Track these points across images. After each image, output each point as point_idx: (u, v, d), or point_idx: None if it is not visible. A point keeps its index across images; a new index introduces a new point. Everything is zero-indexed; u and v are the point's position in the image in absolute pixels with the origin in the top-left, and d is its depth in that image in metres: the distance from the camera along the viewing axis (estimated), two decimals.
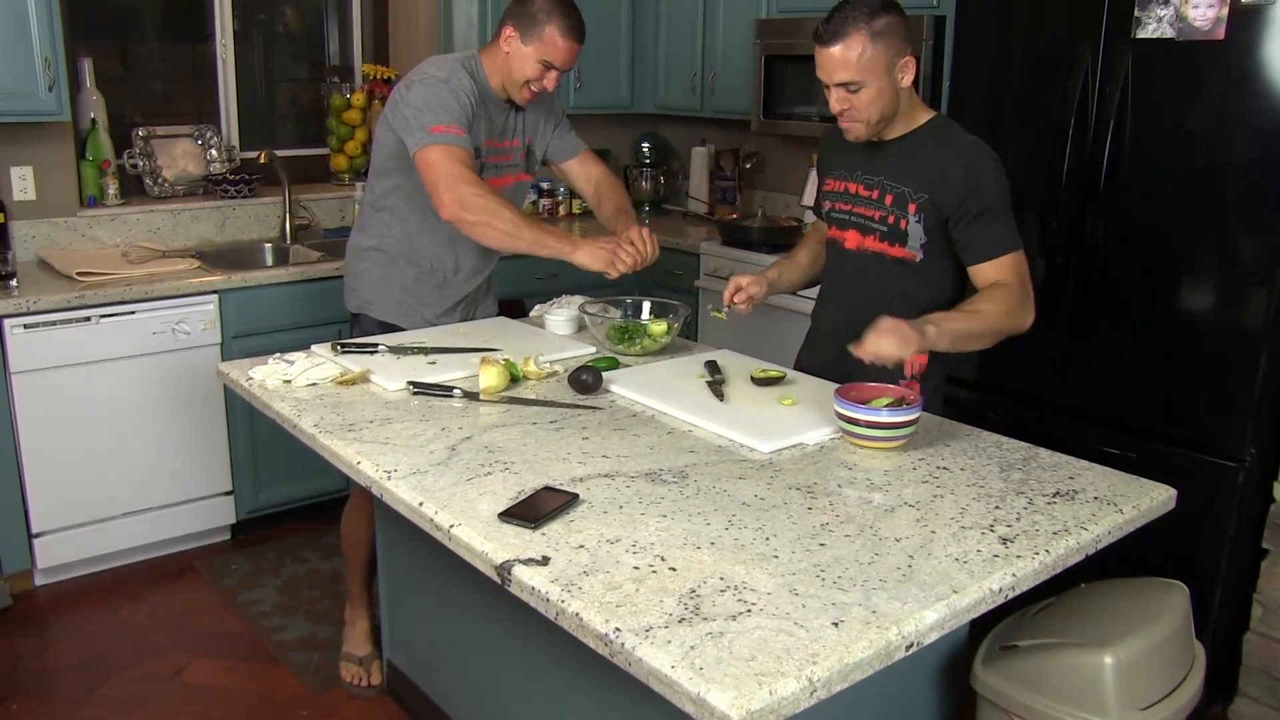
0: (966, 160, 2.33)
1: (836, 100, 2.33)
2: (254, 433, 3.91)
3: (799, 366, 2.65)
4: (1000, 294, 2.30)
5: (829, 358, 2.48)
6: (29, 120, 3.72)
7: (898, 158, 2.41)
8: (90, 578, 3.76)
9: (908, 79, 2.31)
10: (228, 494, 3.96)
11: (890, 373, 2.20)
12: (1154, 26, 2.85)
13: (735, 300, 2.58)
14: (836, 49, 2.26)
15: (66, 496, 3.62)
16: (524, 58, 2.73)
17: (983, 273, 2.35)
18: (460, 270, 2.98)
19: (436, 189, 2.59)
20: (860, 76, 2.27)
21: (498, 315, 3.15)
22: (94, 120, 4.14)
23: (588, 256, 2.60)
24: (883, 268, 2.46)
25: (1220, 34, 2.72)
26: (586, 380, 2.38)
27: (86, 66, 4.13)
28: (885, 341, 2.09)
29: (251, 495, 4.00)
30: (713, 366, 2.51)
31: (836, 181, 2.55)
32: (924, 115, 2.42)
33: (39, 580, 3.70)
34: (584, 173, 3.11)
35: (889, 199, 2.41)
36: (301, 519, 4.08)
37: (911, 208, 2.37)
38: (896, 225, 2.41)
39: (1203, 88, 2.80)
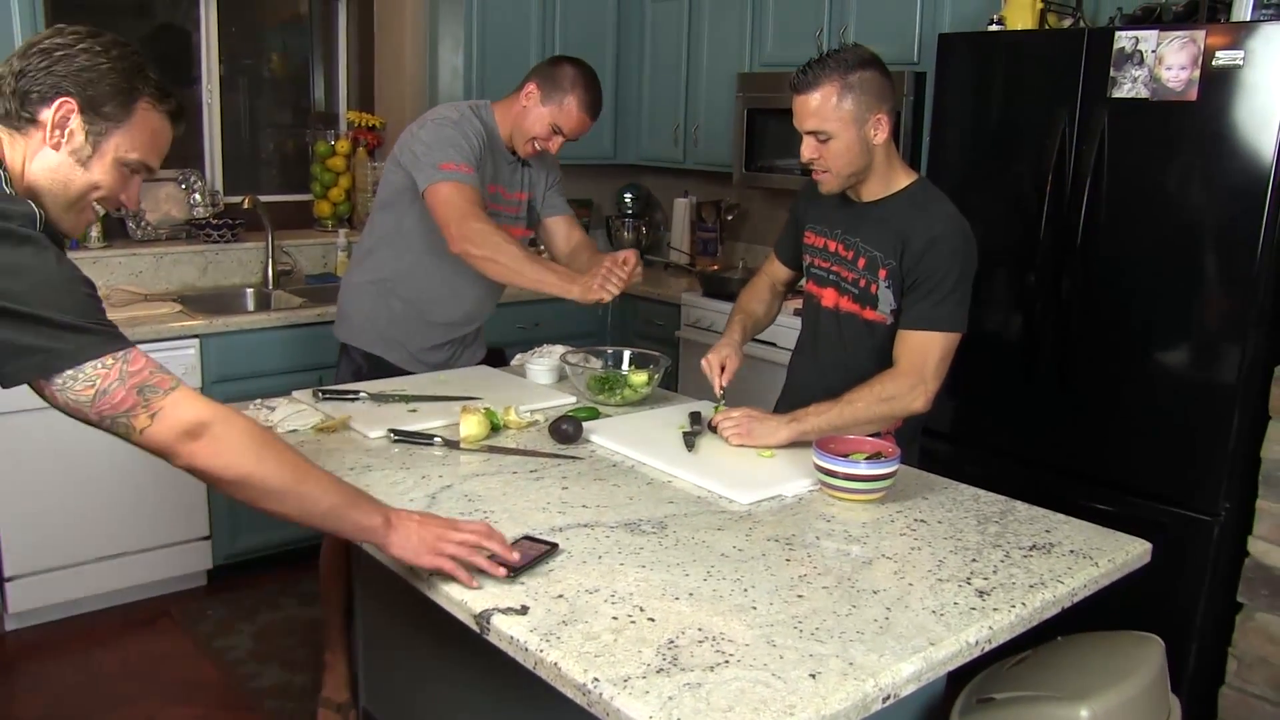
0: (932, 231, 2.31)
1: (807, 149, 2.34)
2: None
3: None
4: (882, 382, 2.31)
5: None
6: None
7: (874, 222, 2.41)
8: (62, 624, 3.72)
9: (880, 136, 2.31)
10: (204, 539, 3.93)
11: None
12: (1129, 87, 2.90)
13: (724, 380, 2.57)
14: (807, 97, 2.29)
15: (40, 540, 3.59)
16: (538, 117, 2.82)
17: (898, 338, 2.36)
18: (449, 313, 3.01)
19: (446, 225, 2.66)
20: (829, 127, 2.28)
21: (481, 363, 3.16)
22: None
23: (583, 290, 2.62)
24: (856, 328, 2.47)
25: (1192, 95, 2.78)
26: (567, 430, 2.39)
27: None
28: (736, 429, 2.36)
29: (229, 541, 3.97)
30: (695, 417, 2.52)
31: (816, 236, 2.56)
32: (904, 179, 2.41)
33: (9, 625, 3.65)
34: (566, 234, 3.14)
35: (862, 262, 2.42)
36: (279, 565, 4.05)
37: (882, 273, 2.39)
38: (867, 289, 2.42)
39: (1176, 147, 2.85)
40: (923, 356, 2.32)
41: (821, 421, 2.30)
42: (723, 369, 2.57)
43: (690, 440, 2.37)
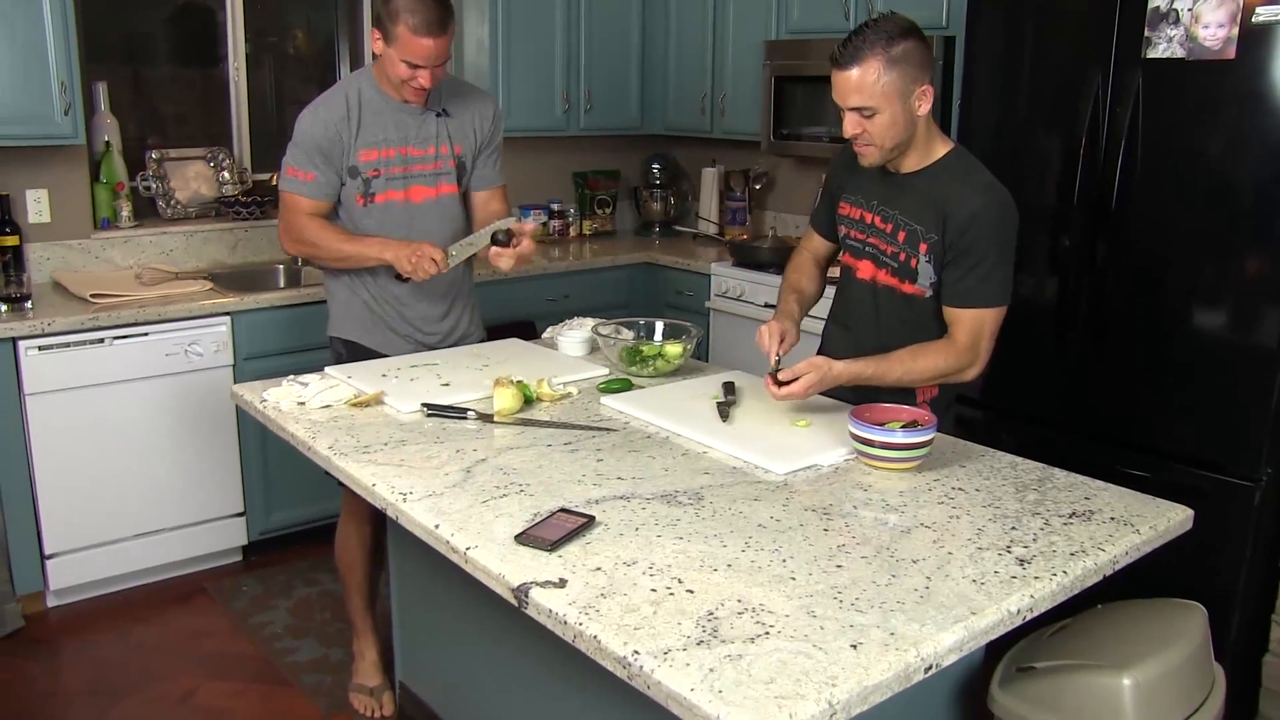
0: (972, 204, 2.27)
1: (850, 124, 2.27)
2: (265, 454, 3.92)
3: None
4: (942, 353, 2.31)
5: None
6: (45, 144, 3.74)
7: (913, 193, 2.36)
8: (102, 599, 3.77)
9: (925, 107, 2.26)
10: (239, 515, 3.97)
11: (904, 395, 2.29)
12: (1164, 46, 2.85)
13: (782, 350, 2.42)
14: (851, 73, 2.21)
15: (79, 518, 3.63)
16: (390, 60, 2.74)
17: (948, 315, 2.34)
18: (412, 298, 2.96)
19: (280, 227, 2.93)
20: (874, 102, 2.21)
21: (484, 340, 3.13)
22: (108, 143, 4.16)
23: (399, 261, 2.76)
24: (893, 301, 2.44)
25: (1230, 54, 2.73)
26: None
27: (101, 90, 4.16)
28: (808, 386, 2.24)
29: (263, 517, 4.00)
30: (729, 387, 2.50)
31: (853, 208, 2.51)
32: (942, 148, 2.37)
33: (51, 602, 3.70)
34: (485, 202, 3.08)
35: (902, 235, 2.38)
36: (313, 541, 4.07)
37: (923, 247, 2.34)
38: (907, 263, 2.38)
39: (1213, 107, 2.80)
40: (977, 332, 2.30)
41: (880, 369, 2.29)
42: (781, 339, 2.43)
43: (724, 410, 2.36)
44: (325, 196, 2.84)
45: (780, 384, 2.25)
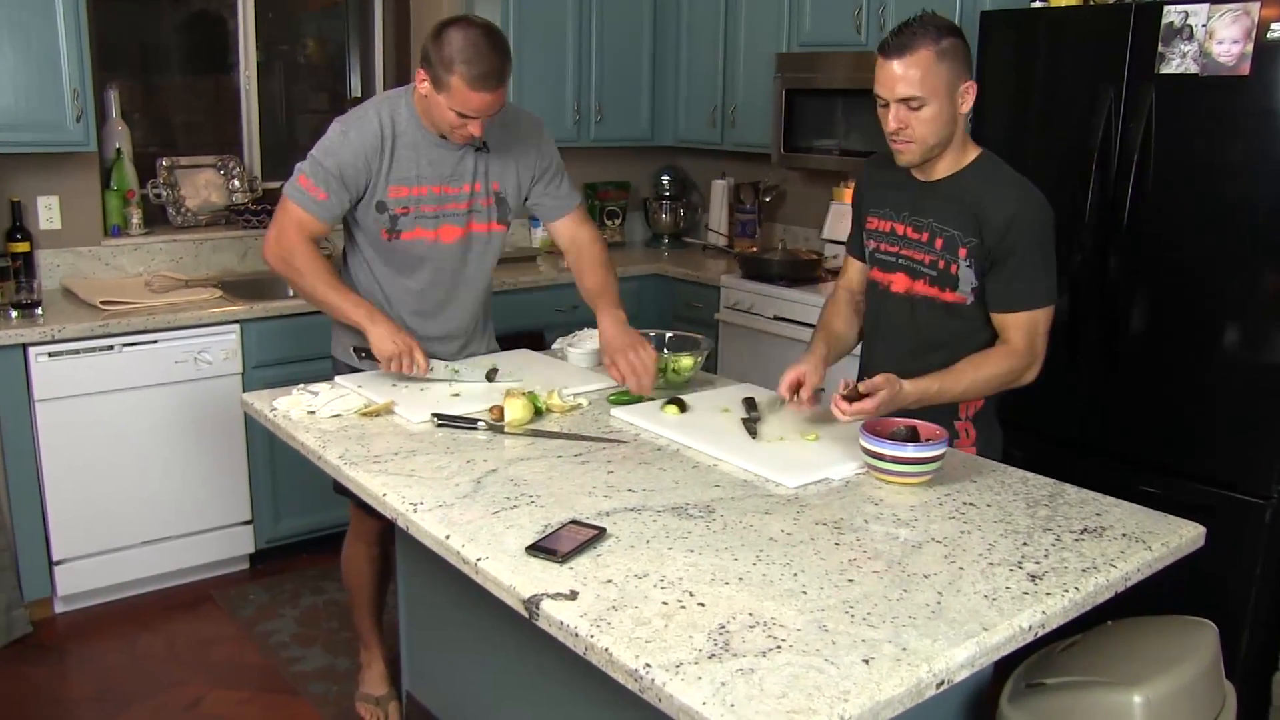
0: (1007, 205, 2.27)
1: (894, 118, 2.25)
2: (273, 462, 3.92)
3: None
4: (999, 358, 2.31)
5: None
6: (56, 150, 3.76)
7: (945, 199, 2.34)
8: (109, 606, 3.77)
9: (968, 104, 2.26)
10: (247, 523, 3.97)
11: (936, 414, 2.26)
12: (1178, 62, 2.85)
13: (802, 396, 2.37)
14: (902, 63, 2.20)
15: (87, 524, 3.63)
16: (438, 106, 2.53)
17: (998, 321, 2.34)
18: (429, 334, 2.83)
19: (270, 230, 2.69)
20: (923, 92, 2.20)
21: (520, 346, 3.13)
22: (119, 150, 4.18)
23: (379, 339, 2.58)
24: (933, 311, 2.40)
25: (1245, 69, 2.73)
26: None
27: (112, 97, 4.18)
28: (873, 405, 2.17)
29: (270, 525, 4.00)
30: (750, 403, 2.49)
31: (881, 221, 2.48)
32: (972, 152, 2.36)
33: (58, 608, 3.71)
34: (570, 234, 2.94)
35: (939, 243, 2.35)
36: (320, 549, 4.06)
37: (962, 252, 2.32)
38: (947, 270, 2.35)
39: (1227, 123, 2.80)
40: (1032, 334, 2.31)
41: (946, 384, 2.27)
42: (800, 385, 2.37)
43: (751, 428, 2.33)
44: (330, 220, 2.69)
45: (852, 400, 2.18)
